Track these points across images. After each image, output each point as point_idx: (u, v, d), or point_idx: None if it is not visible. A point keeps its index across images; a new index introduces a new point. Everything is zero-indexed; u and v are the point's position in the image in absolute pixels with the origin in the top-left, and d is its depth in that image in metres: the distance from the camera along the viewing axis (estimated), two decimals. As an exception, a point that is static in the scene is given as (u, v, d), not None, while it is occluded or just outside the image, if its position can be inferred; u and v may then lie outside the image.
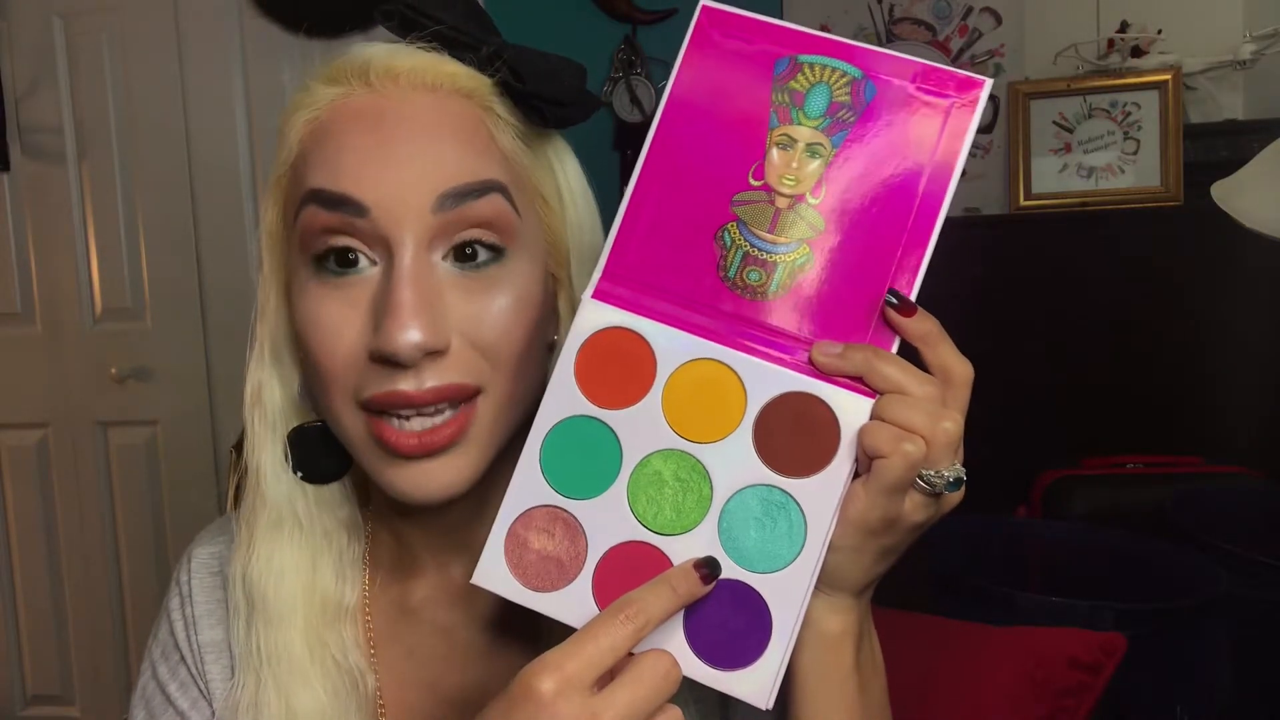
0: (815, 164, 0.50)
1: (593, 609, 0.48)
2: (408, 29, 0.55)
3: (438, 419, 0.53)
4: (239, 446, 0.63)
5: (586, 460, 0.50)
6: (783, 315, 0.50)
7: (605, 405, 0.50)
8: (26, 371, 2.39)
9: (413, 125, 0.53)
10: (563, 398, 0.50)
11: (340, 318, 0.53)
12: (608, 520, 0.49)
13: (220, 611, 0.65)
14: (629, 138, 2.14)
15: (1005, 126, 2.04)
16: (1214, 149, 1.85)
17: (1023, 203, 1.97)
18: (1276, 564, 1.29)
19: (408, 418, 0.52)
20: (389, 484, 0.54)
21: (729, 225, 0.51)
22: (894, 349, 0.49)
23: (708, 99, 0.52)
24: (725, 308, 0.50)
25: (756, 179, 0.51)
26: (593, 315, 0.51)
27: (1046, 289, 1.85)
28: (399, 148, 0.52)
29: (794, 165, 0.51)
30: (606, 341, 0.51)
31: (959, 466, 0.48)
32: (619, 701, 0.44)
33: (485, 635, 0.64)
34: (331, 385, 0.54)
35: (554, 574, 0.49)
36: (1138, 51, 1.93)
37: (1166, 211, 1.86)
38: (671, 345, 0.50)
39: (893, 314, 0.49)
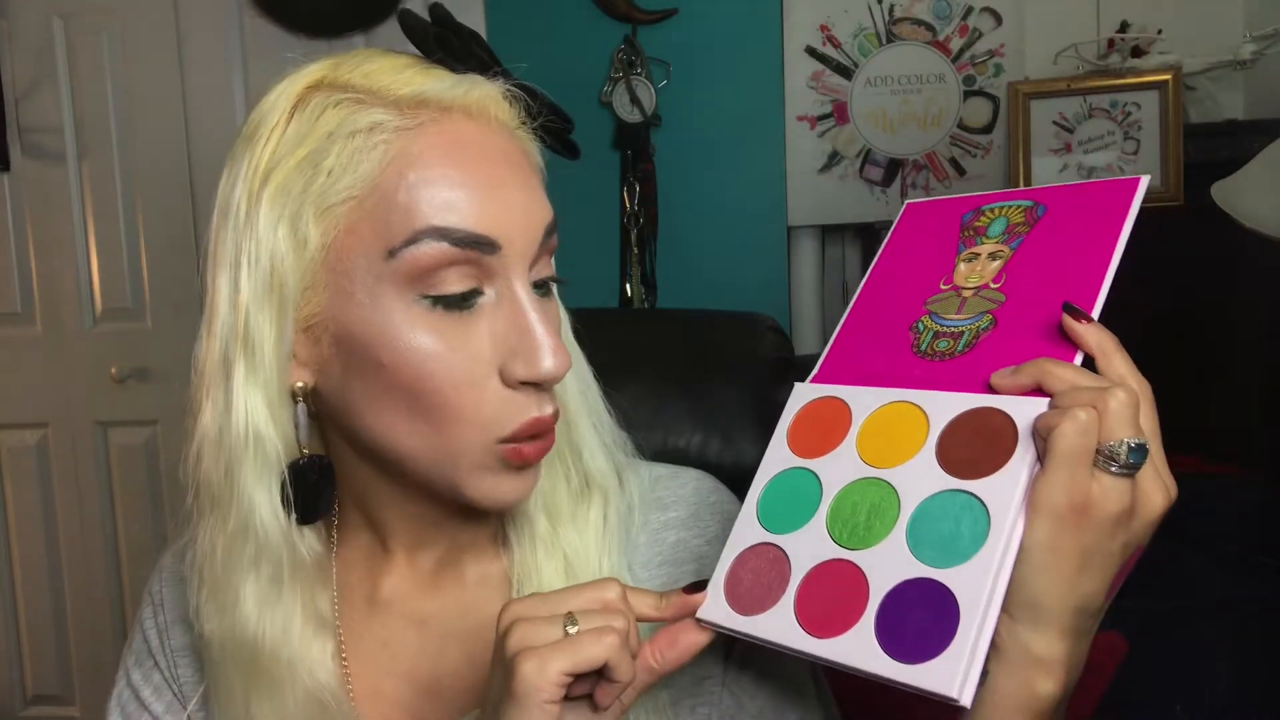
0: (996, 263, 0.57)
1: (793, 623, 0.52)
2: (480, 67, 0.59)
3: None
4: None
5: (792, 502, 0.56)
6: (967, 365, 0.54)
7: (808, 456, 0.57)
8: (26, 371, 2.39)
9: (510, 161, 0.57)
10: (775, 459, 0.58)
11: (470, 351, 0.55)
12: (809, 546, 0.54)
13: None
14: (629, 137, 2.14)
15: (1005, 126, 2.04)
16: (1214, 149, 1.84)
17: (1023, 203, 1.97)
18: (1276, 564, 1.29)
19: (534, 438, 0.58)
20: (489, 492, 0.57)
21: (922, 318, 0.58)
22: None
23: (906, 258, 0.61)
24: (916, 372, 0.56)
25: (946, 284, 0.58)
26: (802, 393, 0.60)
27: (1046, 289, 1.85)
28: (512, 184, 0.56)
29: (978, 269, 0.57)
30: (812, 410, 0.59)
31: (1141, 438, 0.47)
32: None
33: (457, 623, 0.65)
34: (459, 419, 0.55)
35: (762, 598, 0.54)
36: (1138, 51, 1.93)
37: (1166, 211, 1.86)
38: (864, 398, 0.57)
39: (1069, 320, 0.51)
